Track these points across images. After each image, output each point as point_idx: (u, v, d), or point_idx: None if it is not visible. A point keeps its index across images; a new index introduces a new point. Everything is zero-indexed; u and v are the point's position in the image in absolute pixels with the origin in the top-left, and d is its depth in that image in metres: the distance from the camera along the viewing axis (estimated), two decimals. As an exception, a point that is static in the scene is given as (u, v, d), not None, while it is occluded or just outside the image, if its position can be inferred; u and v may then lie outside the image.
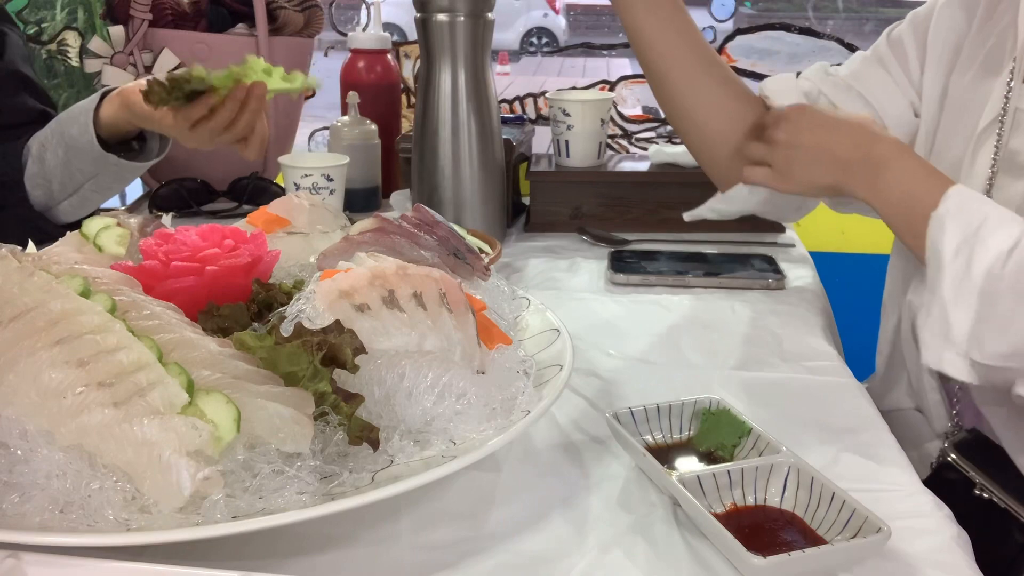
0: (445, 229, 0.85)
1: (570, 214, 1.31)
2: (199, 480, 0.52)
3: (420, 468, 0.58)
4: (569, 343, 0.76)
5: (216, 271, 0.73)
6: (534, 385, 0.69)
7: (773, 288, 1.09)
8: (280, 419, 0.55)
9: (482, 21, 1.14)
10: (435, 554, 0.58)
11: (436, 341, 0.65)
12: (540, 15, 11.76)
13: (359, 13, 1.75)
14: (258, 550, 0.58)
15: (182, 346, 0.60)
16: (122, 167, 1.16)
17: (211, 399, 0.55)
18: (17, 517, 0.52)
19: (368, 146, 1.39)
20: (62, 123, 1.16)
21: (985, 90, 0.90)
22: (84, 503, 0.52)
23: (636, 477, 0.67)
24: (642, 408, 0.71)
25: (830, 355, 0.91)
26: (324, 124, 1.99)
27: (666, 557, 0.58)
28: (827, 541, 0.57)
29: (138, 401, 0.53)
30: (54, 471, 0.53)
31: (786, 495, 0.62)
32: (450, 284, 0.69)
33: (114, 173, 1.16)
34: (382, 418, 0.63)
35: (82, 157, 1.14)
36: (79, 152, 1.14)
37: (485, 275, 0.84)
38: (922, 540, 0.60)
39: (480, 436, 0.63)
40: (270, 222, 0.92)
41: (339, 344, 0.60)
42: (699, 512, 0.58)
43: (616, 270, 1.12)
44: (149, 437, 0.52)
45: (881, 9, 3.00)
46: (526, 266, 1.18)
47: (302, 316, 0.65)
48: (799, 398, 0.81)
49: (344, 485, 0.57)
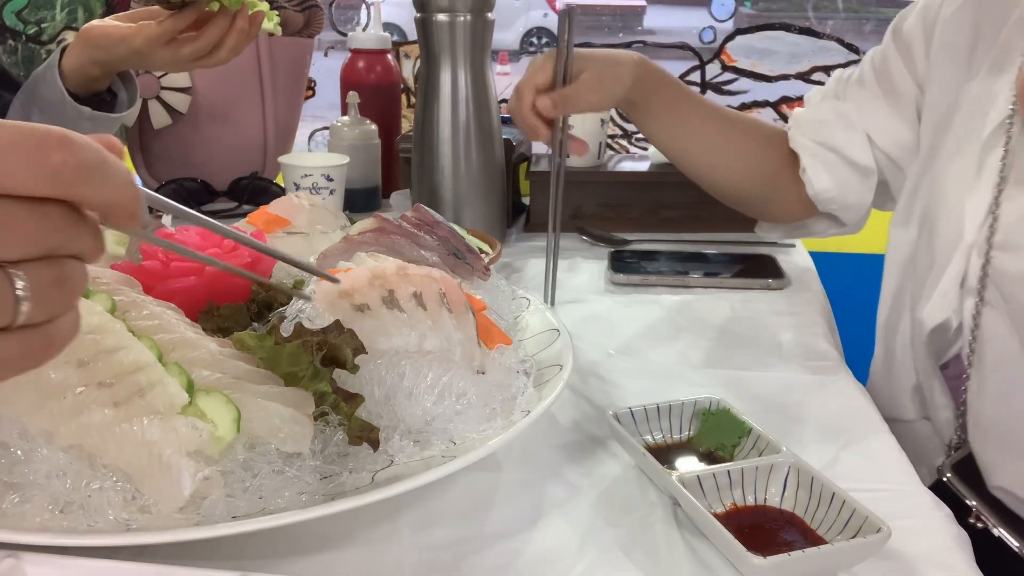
0: (445, 229, 0.85)
1: (570, 214, 1.31)
2: (199, 480, 0.52)
3: (420, 468, 0.58)
4: (569, 343, 0.76)
5: (216, 271, 0.73)
6: (534, 385, 0.69)
7: (773, 288, 1.09)
8: (280, 419, 0.55)
9: (482, 21, 1.14)
10: (435, 554, 0.58)
11: (436, 341, 0.65)
12: (540, 15, 11.75)
13: (359, 13, 1.76)
14: (258, 550, 0.58)
15: (182, 346, 0.60)
16: (96, 120, 1.14)
17: (211, 399, 0.55)
18: (17, 517, 0.52)
19: (368, 146, 1.39)
20: (30, 87, 1.14)
21: (994, 91, 0.87)
22: (84, 503, 0.52)
23: (636, 477, 0.67)
24: (642, 408, 0.71)
25: (830, 355, 0.91)
26: (324, 124, 1.99)
27: (666, 557, 0.58)
28: (827, 541, 0.57)
29: (138, 401, 0.53)
30: (54, 471, 0.53)
31: (786, 495, 0.62)
32: (450, 284, 0.69)
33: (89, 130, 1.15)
34: (382, 418, 0.63)
35: (55, 117, 1.11)
36: (52, 111, 1.11)
37: (485, 275, 0.84)
38: (922, 540, 0.60)
39: (480, 436, 0.63)
40: (270, 222, 0.92)
41: (339, 344, 0.60)
42: (699, 512, 0.58)
43: (616, 270, 1.12)
44: (149, 437, 0.52)
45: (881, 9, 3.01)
46: (526, 266, 1.18)
47: (302, 316, 0.65)
48: (799, 398, 0.81)
49: (344, 485, 0.57)
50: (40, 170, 0.35)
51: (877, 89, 1.02)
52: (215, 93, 1.47)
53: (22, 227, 0.36)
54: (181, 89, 1.45)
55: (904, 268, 0.96)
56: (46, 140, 0.36)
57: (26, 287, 0.36)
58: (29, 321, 0.37)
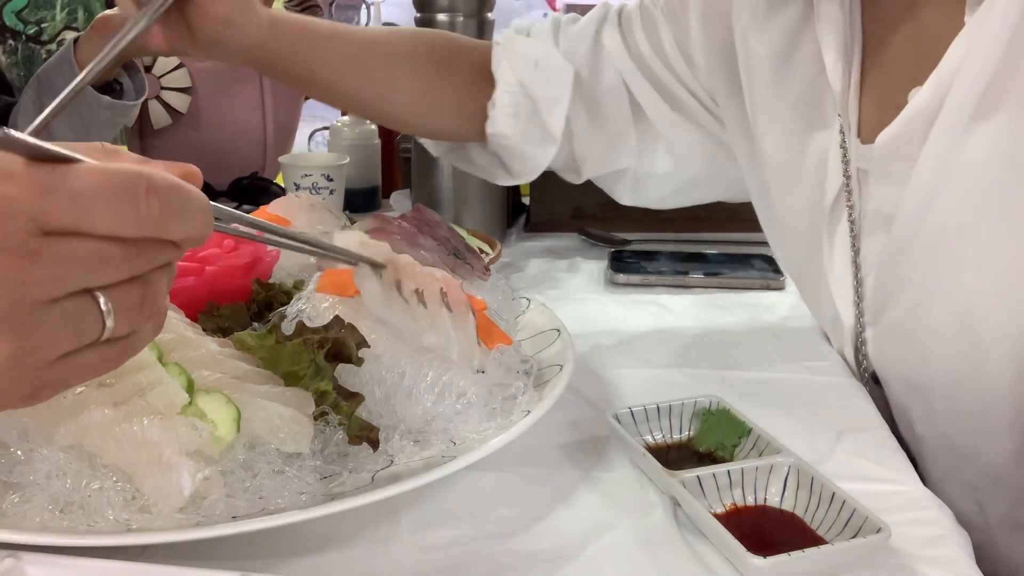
0: (445, 229, 0.86)
1: (570, 214, 1.31)
2: (199, 480, 0.52)
3: (420, 468, 0.58)
4: (570, 343, 0.76)
5: (216, 271, 0.74)
6: (534, 385, 0.69)
7: (773, 288, 1.09)
8: (280, 419, 0.55)
9: (482, 21, 1.14)
10: (435, 554, 0.58)
11: (434, 338, 0.65)
12: (540, 15, 11.78)
13: (359, 13, 1.76)
14: (258, 550, 0.58)
15: (182, 346, 0.60)
16: (116, 109, 1.15)
17: (211, 399, 0.55)
18: (17, 517, 0.52)
19: (368, 146, 1.39)
20: (44, 80, 1.15)
21: (811, 149, 0.80)
22: (84, 503, 0.52)
23: (636, 477, 0.67)
24: (642, 408, 0.70)
25: (830, 355, 0.90)
26: (324, 124, 1.98)
27: (666, 557, 0.58)
28: (827, 541, 0.57)
29: (138, 401, 0.53)
30: (54, 471, 0.53)
31: (786, 495, 0.62)
32: (451, 283, 0.69)
33: (107, 119, 1.16)
34: (382, 418, 0.63)
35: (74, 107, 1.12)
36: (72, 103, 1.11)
37: (485, 275, 0.84)
38: (922, 540, 0.59)
39: (480, 436, 0.63)
40: (270, 222, 0.92)
41: (342, 339, 0.60)
42: (699, 512, 0.58)
43: (616, 270, 1.12)
44: (149, 437, 0.52)
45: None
46: (526, 266, 1.18)
47: (302, 316, 0.65)
48: (799, 398, 0.81)
49: (344, 485, 0.57)
50: (129, 219, 0.38)
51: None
52: (215, 93, 1.47)
53: (110, 261, 0.39)
54: (181, 89, 1.45)
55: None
56: (134, 187, 0.38)
57: (110, 308, 0.40)
58: (113, 336, 0.41)
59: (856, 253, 0.78)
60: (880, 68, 0.76)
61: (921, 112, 0.68)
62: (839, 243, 0.79)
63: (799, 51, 0.81)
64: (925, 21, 0.72)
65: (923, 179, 0.68)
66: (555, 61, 0.94)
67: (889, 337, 0.77)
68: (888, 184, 0.74)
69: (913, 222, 0.70)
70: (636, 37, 0.94)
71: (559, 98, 0.93)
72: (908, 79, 0.71)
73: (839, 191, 0.78)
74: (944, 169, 0.67)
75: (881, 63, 0.76)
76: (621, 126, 0.95)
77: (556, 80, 0.94)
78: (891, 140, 0.71)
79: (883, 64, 0.76)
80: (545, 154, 0.96)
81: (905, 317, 0.74)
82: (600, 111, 0.95)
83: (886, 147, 0.72)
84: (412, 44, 0.97)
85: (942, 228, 0.69)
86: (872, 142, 0.74)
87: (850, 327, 0.80)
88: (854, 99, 0.77)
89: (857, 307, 0.78)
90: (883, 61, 0.76)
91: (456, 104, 0.97)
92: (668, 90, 0.94)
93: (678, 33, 0.92)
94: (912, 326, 0.74)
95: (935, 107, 0.67)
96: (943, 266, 0.70)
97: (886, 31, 0.76)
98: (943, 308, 0.70)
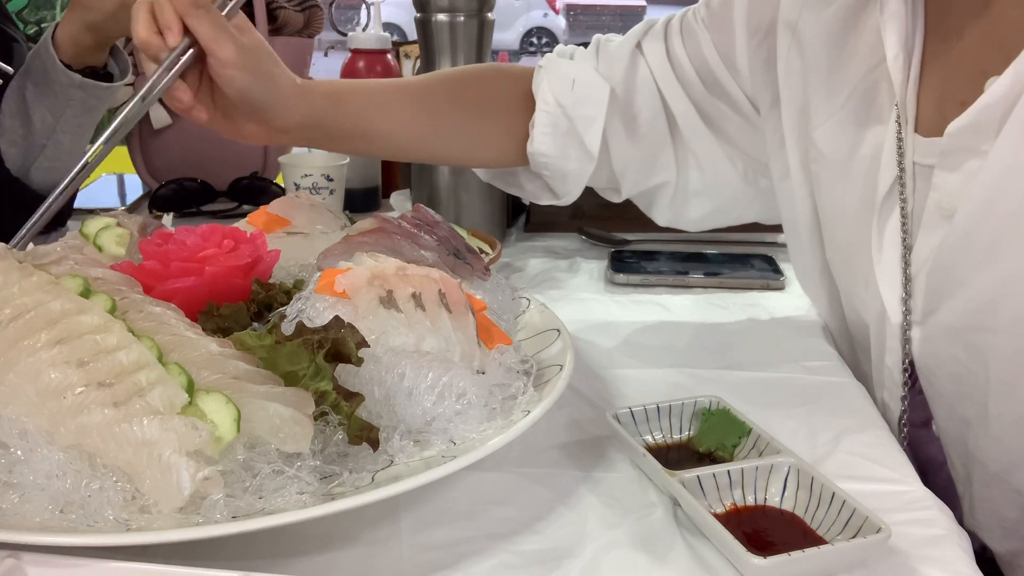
0: (445, 229, 0.85)
1: (570, 214, 1.31)
2: (199, 480, 0.52)
3: (420, 468, 0.58)
4: (570, 343, 0.76)
5: (216, 271, 0.74)
6: (534, 385, 0.69)
7: (773, 288, 1.09)
8: (280, 419, 0.55)
9: (482, 21, 1.14)
10: (435, 554, 0.58)
11: (435, 341, 0.65)
12: (540, 15, 11.78)
13: (359, 13, 1.75)
14: (258, 550, 0.58)
15: (182, 346, 0.60)
16: (87, 89, 1.13)
17: (211, 399, 0.55)
18: (17, 517, 0.52)
19: (368, 146, 1.38)
20: (26, 65, 1.14)
21: (865, 142, 0.80)
22: (84, 503, 0.52)
23: (636, 477, 0.67)
24: (642, 408, 0.71)
25: (830, 355, 0.90)
26: (324, 124, 1.98)
27: (666, 557, 0.58)
28: (827, 541, 0.57)
29: (138, 401, 0.53)
30: (54, 471, 0.53)
31: (786, 495, 0.62)
32: (450, 284, 0.69)
33: (80, 99, 1.15)
34: (382, 418, 0.63)
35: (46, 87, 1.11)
36: (43, 81, 1.11)
37: (485, 275, 0.84)
38: (922, 540, 0.59)
39: (480, 436, 0.63)
40: (270, 222, 0.92)
41: (342, 339, 0.60)
42: (699, 512, 0.58)
43: (616, 270, 1.12)
44: (149, 437, 0.52)
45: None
46: (526, 266, 1.18)
47: (302, 316, 0.65)
48: (799, 398, 0.81)
49: (344, 485, 0.57)
50: None
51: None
52: (215, 93, 1.47)
53: None
54: (181, 89, 1.44)
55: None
56: None
57: None
58: None
59: (908, 250, 0.76)
60: (943, 61, 0.76)
61: (998, 102, 0.67)
62: (889, 239, 0.77)
63: (855, 41, 0.81)
64: (997, 15, 0.71)
65: (993, 171, 0.67)
66: (591, 80, 0.96)
67: (941, 337, 0.75)
68: (953, 175, 0.72)
69: (978, 215, 0.69)
70: (675, 48, 0.95)
71: (595, 116, 0.95)
72: (975, 73, 0.71)
73: (892, 185, 0.76)
74: (1017, 162, 0.66)
75: (945, 57, 0.76)
76: (658, 140, 0.97)
77: (592, 98, 0.95)
78: (960, 131, 0.70)
79: (946, 57, 0.76)
80: (583, 172, 0.98)
81: (961, 316, 0.72)
82: (637, 126, 0.97)
83: (955, 138, 0.70)
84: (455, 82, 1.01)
85: (1008, 223, 0.67)
86: (929, 136, 0.74)
87: (897, 324, 0.78)
88: (912, 92, 0.77)
89: (904, 304, 0.77)
90: (947, 54, 0.76)
91: (505, 130, 0.99)
92: (705, 102, 0.95)
93: (721, 40, 0.93)
94: (969, 325, 0.72)
95: (1013, 97, 0.66)
96: (1007, 264, 0.68)
97: (953, 24, 0.75)
98: (1005, 308, 0.69)
